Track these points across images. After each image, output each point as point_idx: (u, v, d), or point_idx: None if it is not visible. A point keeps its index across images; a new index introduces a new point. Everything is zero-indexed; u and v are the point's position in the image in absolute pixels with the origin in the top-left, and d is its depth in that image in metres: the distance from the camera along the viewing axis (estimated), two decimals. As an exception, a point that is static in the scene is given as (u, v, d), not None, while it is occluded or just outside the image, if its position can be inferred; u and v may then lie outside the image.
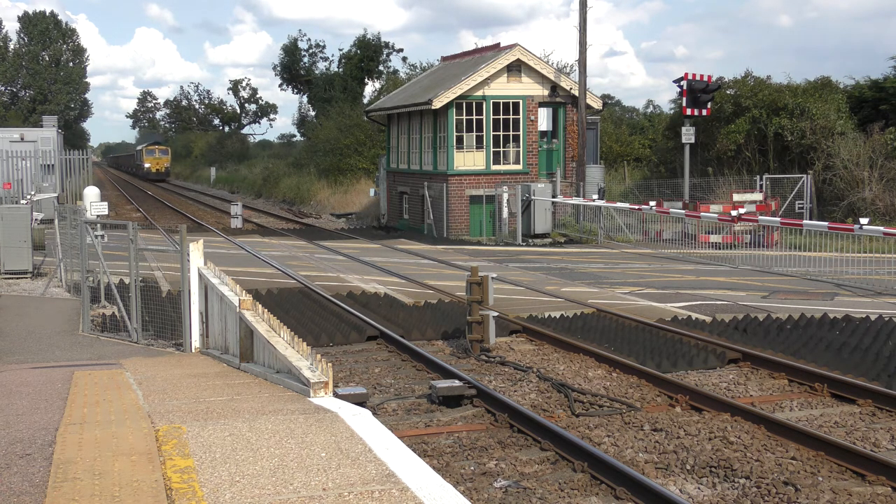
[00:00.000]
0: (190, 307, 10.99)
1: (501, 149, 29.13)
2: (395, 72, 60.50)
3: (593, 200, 26.71)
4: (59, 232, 18.30)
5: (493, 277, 11.68)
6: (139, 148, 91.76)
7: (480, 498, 6.75)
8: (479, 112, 28.83)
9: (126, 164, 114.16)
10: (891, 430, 8.38)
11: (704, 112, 28.03)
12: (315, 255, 22.79)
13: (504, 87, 28.91)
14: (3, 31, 79.74)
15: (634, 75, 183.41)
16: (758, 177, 28.01)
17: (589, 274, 19.21)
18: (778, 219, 21.48)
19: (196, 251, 11.13)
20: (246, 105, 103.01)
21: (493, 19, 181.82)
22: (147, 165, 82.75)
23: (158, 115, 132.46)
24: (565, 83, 29.53)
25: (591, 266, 20.83)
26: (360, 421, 6.30)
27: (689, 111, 27.54)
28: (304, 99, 76.55)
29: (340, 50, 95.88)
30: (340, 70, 66.51)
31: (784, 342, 11.70)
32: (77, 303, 14.65)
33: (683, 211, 23.19)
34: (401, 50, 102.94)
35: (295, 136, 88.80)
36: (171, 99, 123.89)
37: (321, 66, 73.57)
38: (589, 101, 28.99)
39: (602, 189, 28.87)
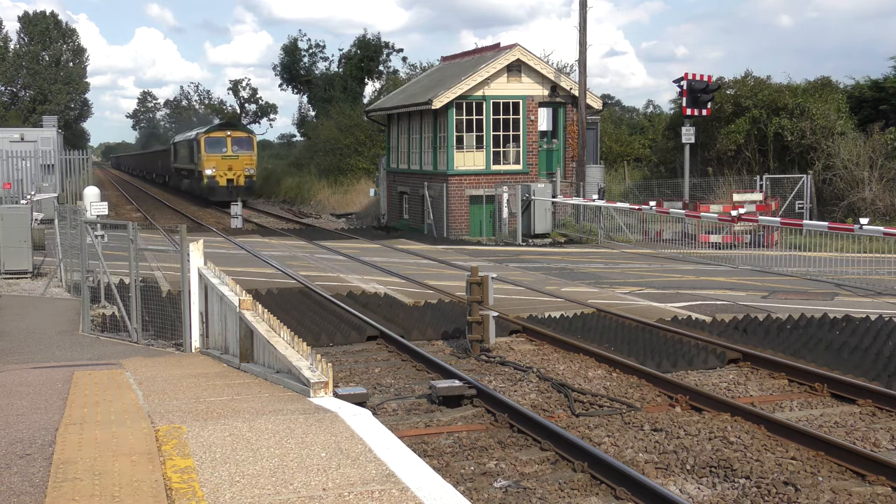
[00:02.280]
0: (190, 307, 10.99)
1: (501, 149, 29.13)
2: (395, 72, 60.57)
3: (593, 200, 26.71)
4: (59, 232, 18.30)
5: (493, 277, 11.68)
6: (189, 136, 51.30)
7: (480, 498, 6.75)
8: (479, 112, 28.83)
9: (145, 168, 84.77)
10: (891, 430, 8.38)
11: (704, 112, 28.04)
12: (315, 255, 22.79)
13: (504, 87, 28.91)
14: (4, 31, 79.56)
15: (634, 75, 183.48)
16: (758, 177, 28.02)
17: (589, 274, 19.21)
18: (778, 219, 21.48)
19: (196, 251, 11.12)
20: (246, 105, 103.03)
21: (494, 19, 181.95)
22: (209, 171, 44.11)
23: (158, 115, 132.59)
24: (565, 83, 29.53)
25: (591, 266, 20.82)
26: (360, 421, 6.30)
27: (689, 111, 27.55)
28: (304, 99, 76.51)
29: (340, 50, 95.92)
30: (340, 70, 66.53)
31: (784, 342, 11.70)
32: (77, 303, 14.65)
33: (683, 211, 23.19)
34: (401, 50, 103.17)
35: (295, 136, 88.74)
36: (172, 99, 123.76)
37: (321, 66, 73.54)
38: (589, 101, 28.99)
39: (602, 189, 28.88)
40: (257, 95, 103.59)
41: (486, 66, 28.54)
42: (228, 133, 45.33)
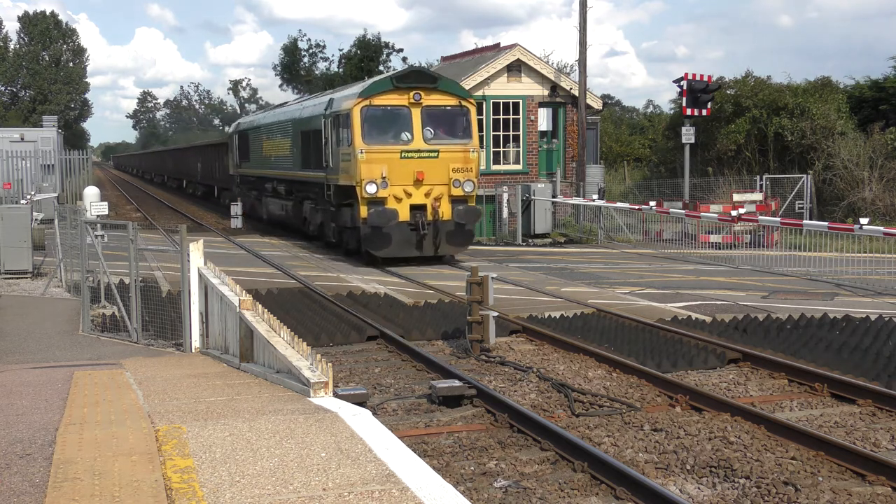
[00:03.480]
0: (190, 307, 10.99)
1: (501, 149, 29.11)
2: (396, 72, 60.45)
3: (593, 200, 26.71)
4: (59, 232, 18.30)
5: (493, 277, 11.68)
6: (301, 110, 25.22)
7: (480, 498, 6.75)
8: (479, 112, 28.73)
9: (168, 172, 63.82)
10: (891, 430, 8.38)
11: (704, 112, 28.03)
12: (315, 255, 22.79)
13: (504, 87, 28.89)
14: (4, 31, 79.61)
15: (635, 75, 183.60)
16: (758, 177, 28.02)
17: (589, 274, 19.21)
18: (778, 219, 21.49)
19: (196, 251, 11.13)
20: (246, 105, 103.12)
21: (495, 19, 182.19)
22: (371, 189, 18.94)
23: (159, 115, 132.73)
24: (565, 83, 29.53)
25: (591, 266, 20.83)
26: (360, 421, 6.31)
27: (689, 111, 27.54)
28: (305, 99, 76.40)
29: (340, 50, 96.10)
30: (341, 70, 66.54)
31: (784, 342, 11.70)
32: (77, 303, 14.66)
33: (683, 211, 23.19)
34: (401, 50, 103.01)
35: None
36: (172, 99, 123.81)
37: (321, 66, 73.61)
38: (589, 101, 28.99)
39: (602, 189, 28.88)
40: (257, 95, 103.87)
41: (486, 66, 28.53)
42: (417, 97, 19.68)
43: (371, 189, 19.09)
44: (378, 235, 19.30)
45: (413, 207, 19.64)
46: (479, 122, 27.10)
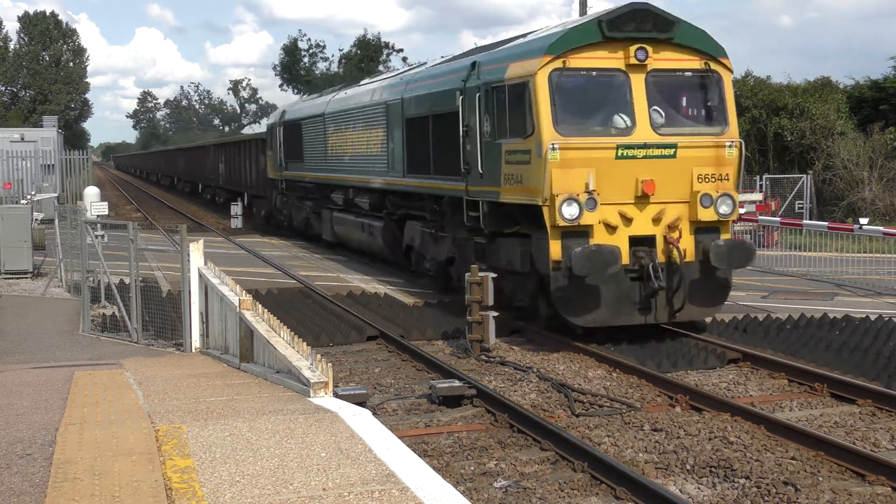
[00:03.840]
0: (190, 307, 10.99)
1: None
2: (395, 72, 60.35)
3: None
4: (59, 232, 18.31)
5: (493, 277, 11.67)
6: (423, 82, 15.43)
7: (480, 498, 6.75)
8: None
9: (179, 173, 56.22)
10: (891, 430, 8.38)
11: (704, 112, 27.95)
12: (315, 255, 22.79)
13: (504, 87, 28.54)
14: (4, 31, 79.54)
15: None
16: (758, 177, 28.01)
17: (589, 274, 19.16)
18: (778, 219, 21.49)
19: (196, 251, 11.13)
20: (246, 105, 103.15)
21: (495, 19, 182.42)
22: (570, 211, 11.14)
23: (159, 115, 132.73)
24: (565, 83, 29.36)
25: (591, 266, 20.77)
26: (360, 421, 6.31)
27: (689, 111, 27.47)
28: (305, 99, 76.31)
29: (340, 50, 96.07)
30: (341, 70, 66.57)
31: (784, 342, 11.70)
32: (77, 303, 14.66)
33: (683, 211, 23.13)
34: (401, 50, 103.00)
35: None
36: (172, 99, 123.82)
37: (321, 66, 73.65)
38: (589, 101, 28.77)
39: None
40: (257, 95, 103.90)
41: (487, 66, 28.17)
42: (642, 54, 11.64)
43: (571, 212, 11.28)
44: (580, 291, 11.34)
45: (634, 241, 11.72)
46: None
